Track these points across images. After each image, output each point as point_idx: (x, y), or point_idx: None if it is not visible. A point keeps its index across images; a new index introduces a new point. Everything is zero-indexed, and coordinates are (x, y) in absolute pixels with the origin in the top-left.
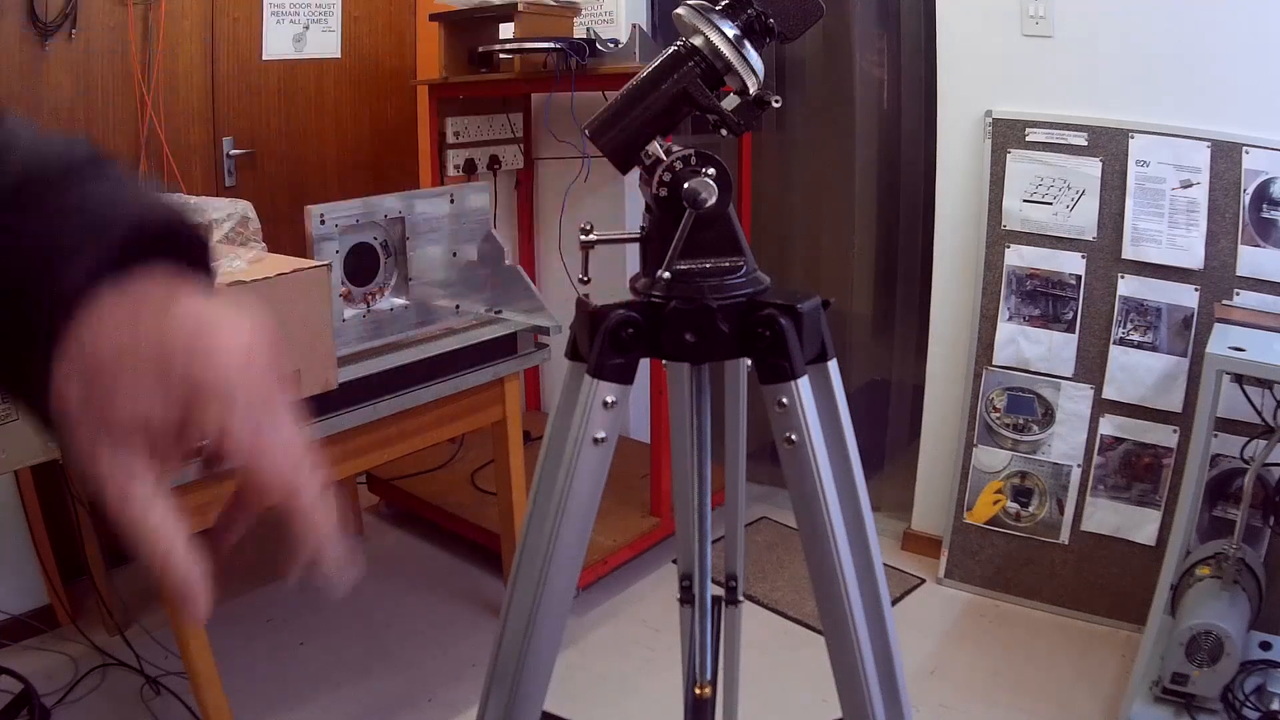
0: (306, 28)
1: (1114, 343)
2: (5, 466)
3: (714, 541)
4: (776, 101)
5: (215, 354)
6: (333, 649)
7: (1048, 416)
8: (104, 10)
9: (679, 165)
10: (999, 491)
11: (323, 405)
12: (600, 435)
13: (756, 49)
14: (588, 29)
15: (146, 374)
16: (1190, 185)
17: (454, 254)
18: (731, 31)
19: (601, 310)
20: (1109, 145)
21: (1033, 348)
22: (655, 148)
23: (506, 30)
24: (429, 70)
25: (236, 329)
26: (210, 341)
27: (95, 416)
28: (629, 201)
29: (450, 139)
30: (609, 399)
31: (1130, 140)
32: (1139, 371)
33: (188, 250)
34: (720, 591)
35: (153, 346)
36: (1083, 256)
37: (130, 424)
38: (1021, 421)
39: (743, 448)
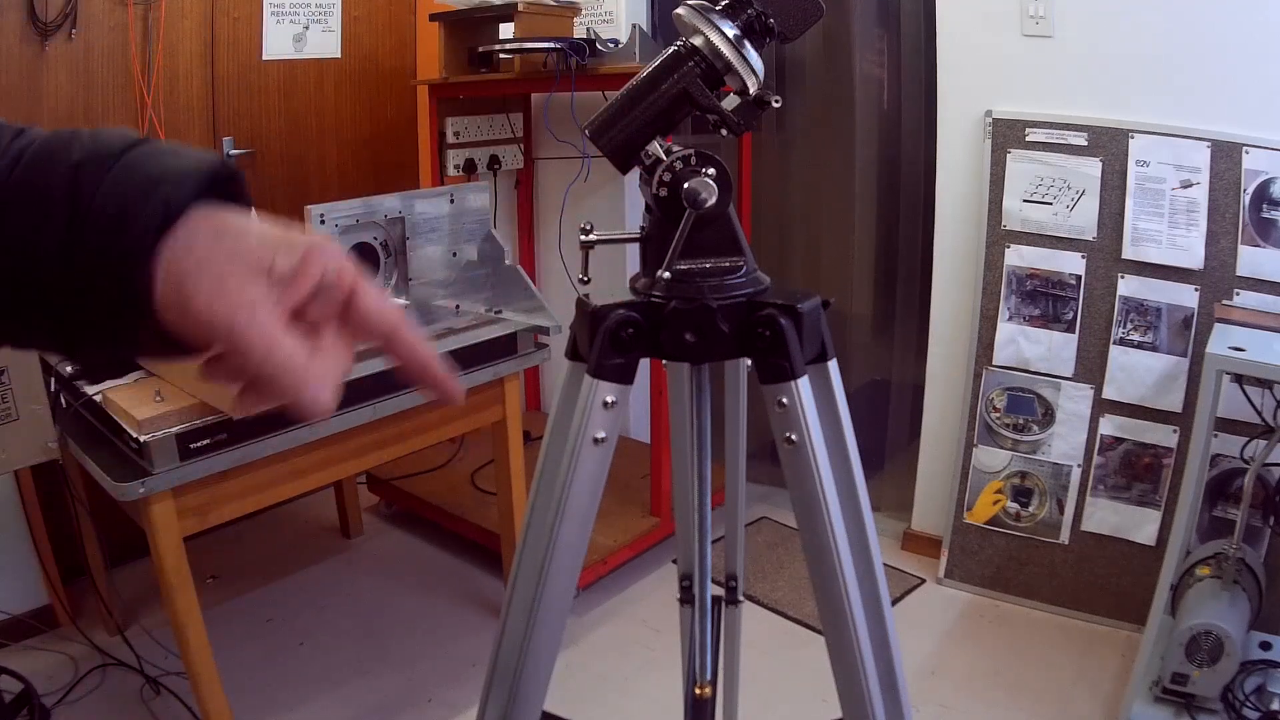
0: (306, 28)
1: (1114, 343)
2: (5, 466)
3: (714, 541)
4: (776, 101)
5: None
6: (333, 649)
7: (1048, 416)
8: (104, 10)
9: (679, 165)
10: (999, 491)
11: None
12: (600, 435)
13: (756, 49)
14: (588, 29)
15: (268, 236)
16: (1190, 185)
17: (454, 254)
18: (731, 31)
19: (601, 310)
20: (1109, 145)
21: (1033, 348)
22: (655, 148)
23: (506, 30)
24: (429, 70)
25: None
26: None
27: (224, 262)
28: (629, 201)
29: (450, 139)
30: (609, 399)
31: (1130, 140)
32: (1139, 371)
33: (238, 189)
34: (720, 591)
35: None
36: (1083, 256)
37: (258, 265)
38: (1021, 421)
39: (743, 448)
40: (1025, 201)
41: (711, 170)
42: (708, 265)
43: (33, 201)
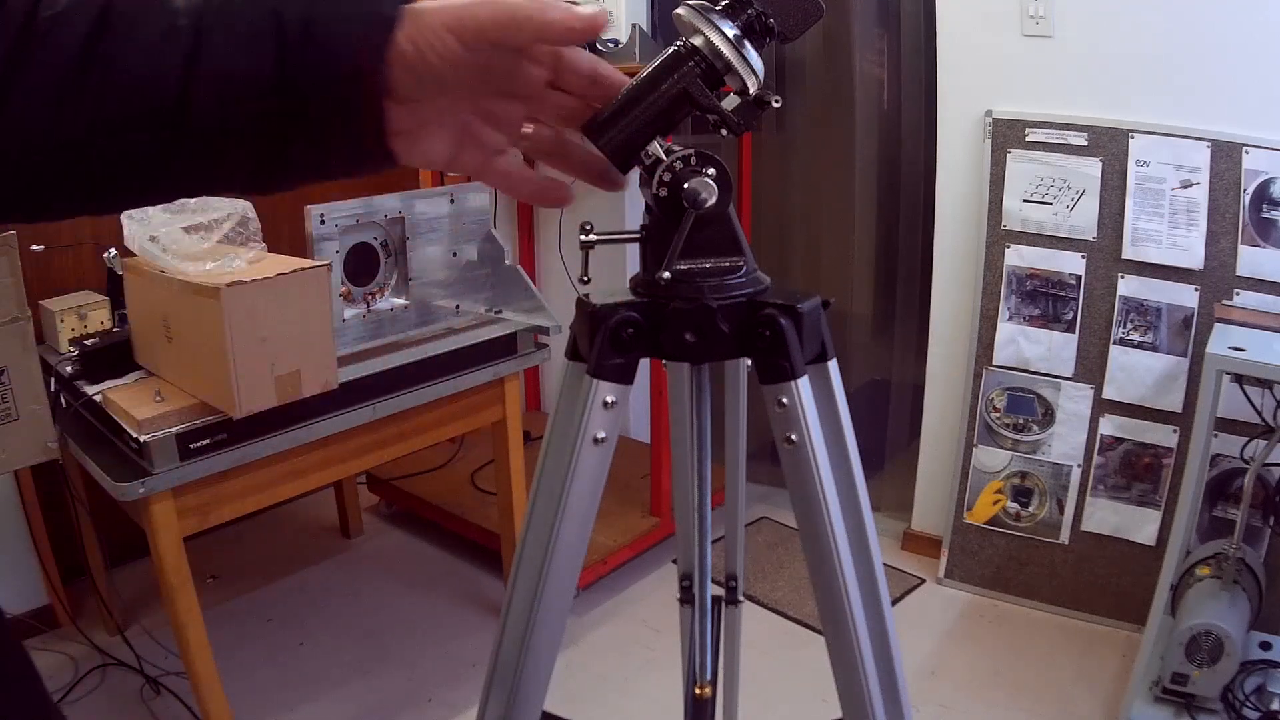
0: None
1: (1114, 343)
2: (5, 466)
3: (714, 541)
4: (776, 101)
5: None
6: (333, 649)
7: (1048, 416)
8: None
9: (679, 165)
10: (999, 491)
11: (323, 405)
12: (600, 435)
13: (756, 49)
14: None
15: None
16: (1190, 185)
17: (454, 254)
18: (731, 31)
19: (602, 310)
20: (1109, 145)
21: (1033, 348)
22: (655, 148)
23: None
24: None
25: None
26: None
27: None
28: (629, 201)
29: None
30: (609, 399)
31: (1130, 140)
32: (1139, 371)
33: None
34: (720, 591)
35: None
36: (1083, 256)
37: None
38: (1021, 421)
39: (743, 448)
40: (1025, 201)
41: (711, 170)
42: (708, 265)
43: (240, 43)
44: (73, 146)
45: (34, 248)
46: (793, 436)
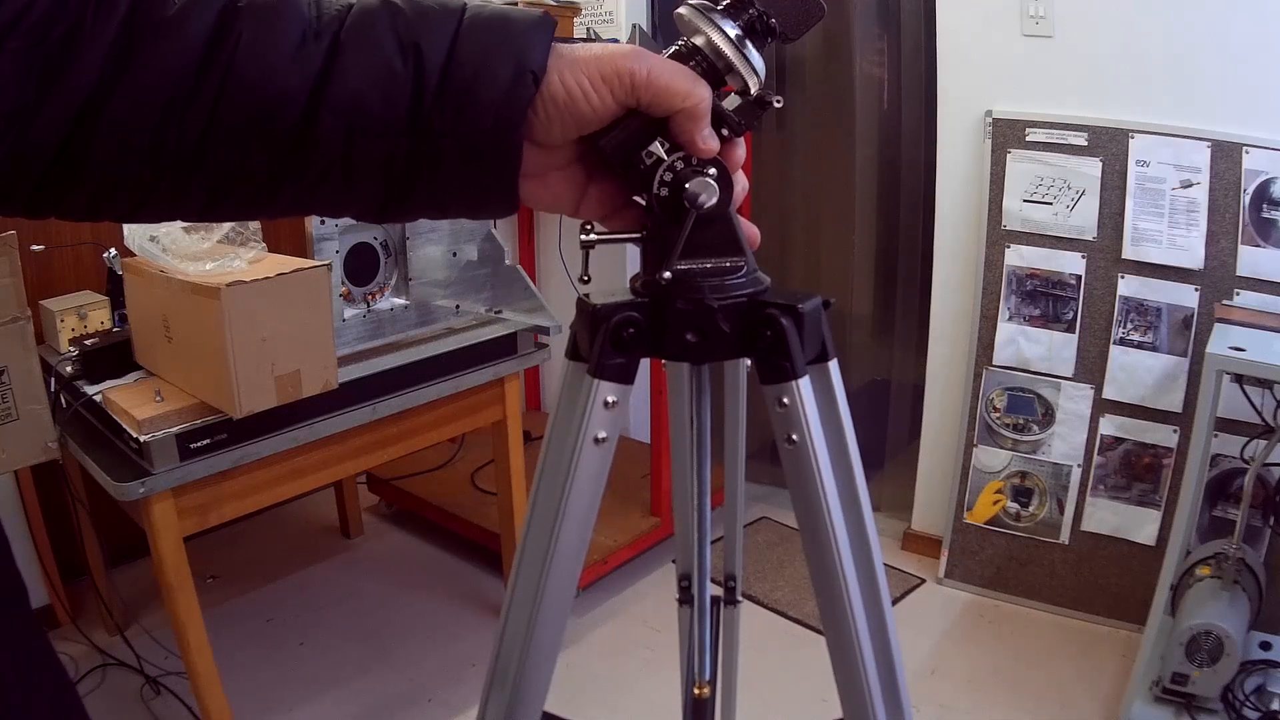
0: None
1: (1114, 343)
2: (5, 466)
3: (714, 542)
4: (778, 102)
5: None
6: (333, 649)
7: (1048, 416)
8: None
9: (680, 165)
10: (999, 491)
11: (323, 405)
12: (601, 435)
13: (758, 49)
14: (588, 29)
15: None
16: (1190, 185)
17: (454, 254)
18: (733, 31)
19: (603, 310)
20: (1109, 145)
21: (1033, 348)
22: (656, 148)
23: None
24: None
25: None
26: None
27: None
28: None
29: None
30: (609, 399)
31: (1130, 140)
32: (1139, 371)
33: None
34: (719, 591)
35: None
36: (1083, 256)
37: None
38: (1021, 421)
39: (742, 448)
40: (1025, 201)
41: (713, 170)
42: (708, 265)
43: (375, 75)
44: (180, 156)
45: (34, 248)
46: (793, 437)
